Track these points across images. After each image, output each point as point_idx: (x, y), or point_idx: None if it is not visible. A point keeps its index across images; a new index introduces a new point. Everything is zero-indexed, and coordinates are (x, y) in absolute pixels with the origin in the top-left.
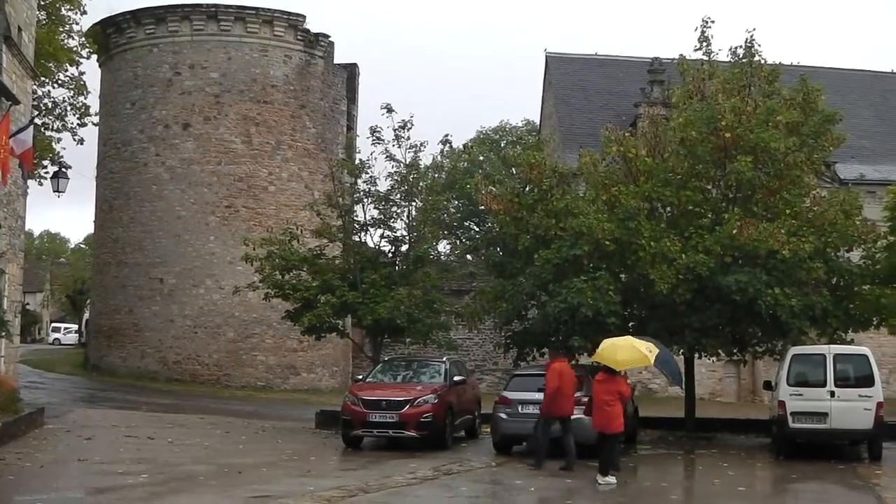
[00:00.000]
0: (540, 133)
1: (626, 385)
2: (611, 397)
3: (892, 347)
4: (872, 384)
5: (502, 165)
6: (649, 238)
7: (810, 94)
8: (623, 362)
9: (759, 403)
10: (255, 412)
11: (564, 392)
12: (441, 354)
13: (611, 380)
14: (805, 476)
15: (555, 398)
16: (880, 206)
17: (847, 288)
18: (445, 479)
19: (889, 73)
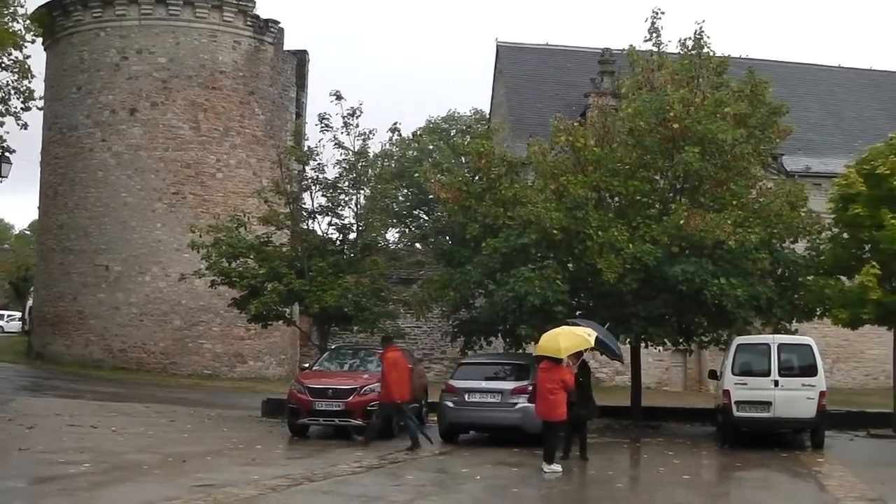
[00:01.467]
0: (489, 122)
1: (569, 373)
2: (553, 385)
3: (837, 337)
4: (815, 374)
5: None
6: (597, 228)
7: (758, 87)
8: (566, 349)
9: (704, 392)
10: (202, 400)
11: (399, 379)
12: None
13: (554, 368)
14: (749, 464)
15: (390, 385)
16: (825, 198)
17: (792, 278)
18: (391, 468)
19: (836, 67)
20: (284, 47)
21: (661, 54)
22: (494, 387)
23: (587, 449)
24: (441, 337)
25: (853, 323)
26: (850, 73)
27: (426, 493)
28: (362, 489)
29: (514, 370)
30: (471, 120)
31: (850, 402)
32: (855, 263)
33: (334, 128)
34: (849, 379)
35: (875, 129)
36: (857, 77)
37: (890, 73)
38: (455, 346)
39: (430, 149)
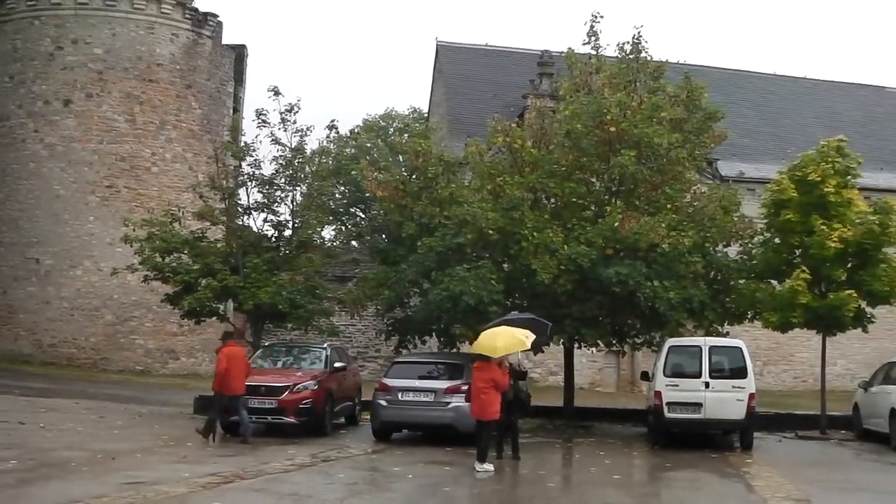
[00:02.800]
0: (428, 121)
1: (499, 373)
2: (484, 385)
3: (768, 340)
4: (745, 376)
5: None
6: (532, 228)
7: (694, 92)
8: (502, 348)
9: (637, 394)
10: (133, 397)
11: (233, 373)
12: (322, 341)
13: (485, 368)
14: (679, 464)
15: (225, 378)
16: (759, 204)
17: (724, 282)
18: (323, 466)
19: (772, 74)
20: (223, 41)
21: (600, 58)
22: (428, 386)
23: (519, 448)
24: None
25: (783, 326)
26: (786, 80)
27: (358, 492)
28: (294, 487)
29: (448, 369)
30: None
31: (780, 404)
32: (786, 268)
33: (271, 124)
34: (778, 381)
35: (809, 136)
36: (793, 85)
37: (824, 82)
38: (389, 345)
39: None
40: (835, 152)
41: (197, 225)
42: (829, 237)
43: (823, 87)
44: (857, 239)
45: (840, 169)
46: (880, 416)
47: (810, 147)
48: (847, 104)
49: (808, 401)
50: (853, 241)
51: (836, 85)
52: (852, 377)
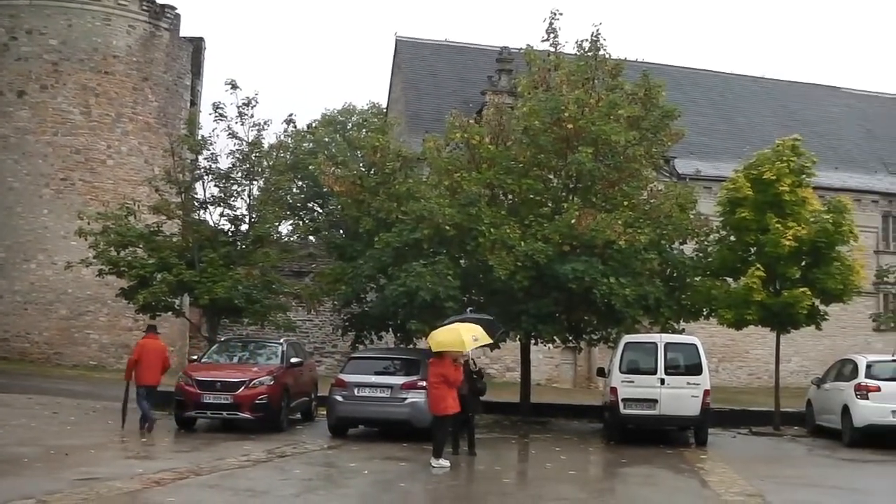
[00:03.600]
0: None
1: (451, 368)
2: (435, 380)
3: (723, 337)
4: (700, 372)
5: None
6: (489, 224)
7: (651, 90)
8: (441, 343)
9: (594, 390)
10: (87, 392)
11: (144, 364)
12: (279, 336)
13: (437, 363)
14: (634, 460)
15: (136, 369)
16: (715, 202)
17: (680, 279)
18: (279, 462)
19: (729, 73)
20: (180, 34)
21: (558, 55)
22: (384, 381)
23: (475, 444)
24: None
25: (738, 323)
26: (743, 80)
27: (313, 488)
28: (249, 483)
29: (405, 365)
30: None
31: (734, 400)
32: (741, 266)
33: (229, 117)
34: (734, 378)
35: (765, 135)
36: (750, 84)
37: (780, 82)
38: (346, 341)
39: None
40: (790, 151)
41: (153, 219)
42: (783, 235)
43: (780, 87)
44: (811, 237)
45: (795, 168)
46: (833, 412)
47: (766, 146)
48: (803, 104)
49: (763, 397)
50: (807, 239)
51: (793, 85)
52: (806, 374)
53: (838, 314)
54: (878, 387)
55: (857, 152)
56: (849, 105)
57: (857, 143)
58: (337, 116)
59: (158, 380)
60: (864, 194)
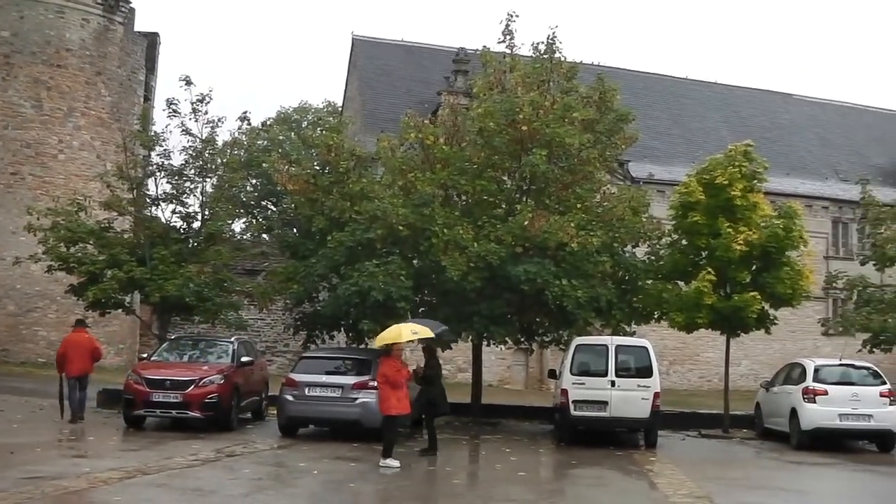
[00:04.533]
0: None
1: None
2: (380, 380)
3: (674, 340)
4: (651, 375)
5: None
6: (443, 225)
7: (606, 94)
8: (381, 338)
9: (545, 391)
10: (34, 390)
11: (70, 356)
12: (230, 334)
13: (382, 363)
14: (584, 462)
15: (62, 361)
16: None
17: (631, 282)
18: (228, 461)
19: (684, 78)
20: (135, 28)
21: (514, 57)
22: (335, 381)
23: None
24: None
25: (688, 326)
26: (698, 85)
27: (262, 487)
28: (198, 482)
29: (356, 365)
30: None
31: (685, 402)
32: (692, 269)
33: (182, 114)
34: (684, 380)
35: (718, 140)
36: (704, 89)
37: (734, 88)
38: (298, 340)
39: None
40: (742, 157)
41: (104, 215)
42: (734, 240)
43: (733, 93)
44: (761, 242)
45: (747, 173)
46: (781, 415)
47: (719, 151)
48: (756, 110)
49: (713, 400)
50: (758, 244)
51: (746, 91)
52: (756, 377)
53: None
54: (825, 390)
55: (809, 159)
56: (801, 112)
57: (808, 150)
58: (292, 114)
59: (89, 368)
60: (815, 200)
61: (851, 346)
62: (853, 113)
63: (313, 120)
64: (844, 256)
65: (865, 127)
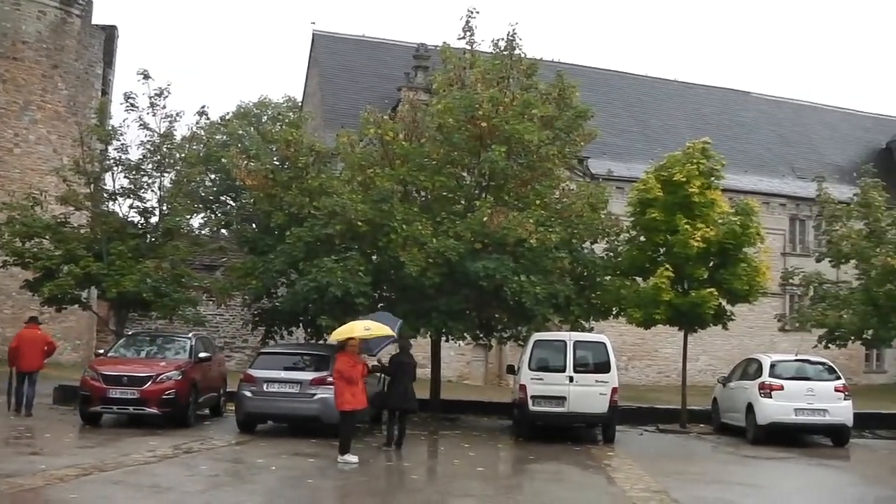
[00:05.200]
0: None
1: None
2: (335, 375)
3: (633, 336)
4: (609, 370)
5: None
6: (402, 221)
7: (566, 91)
8: (337, 332)
9: (504, 387)
10: None
11: (23, 351)
12: (188, 330)
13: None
14: (542, 457)
15: (15, 356)
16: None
17: (590, 278)
18: (185, 458)
19: (644, 76)
20: (93, 21)
21: (474, 53)
22: (293, 377)
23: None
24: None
25: (646, 322)
26: (657, 82)
27: (220, 484)
28: (155, 479)
29: (314, 361)
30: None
31: (643, 398)
32: (650, 266)
33: (140, 108)
34: (643, 376)
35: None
36: (663, 87)
37: (693, 85)
38: (256, 336)
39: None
40: (700, 154)
41: (60, 209)
42: (692, 236)
43: (692, 91)
44: (718, 239)
45: (704, 170)
46: (737, 410)
47: (679, 148)
48: (715, 108)
49: (671, 395)
50: (715, 240)
51: (705, 88)
52: (714, 373)
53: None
54: (781, 385)
55: (767, 156)
56: (759, 110)
57: (766, 148)
58: (252, 109)
59: (40, 364)
60: (773, 197)
61: (808, 341)
62: (810, 111)
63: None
64: (801, 253)
65: (822, 125)
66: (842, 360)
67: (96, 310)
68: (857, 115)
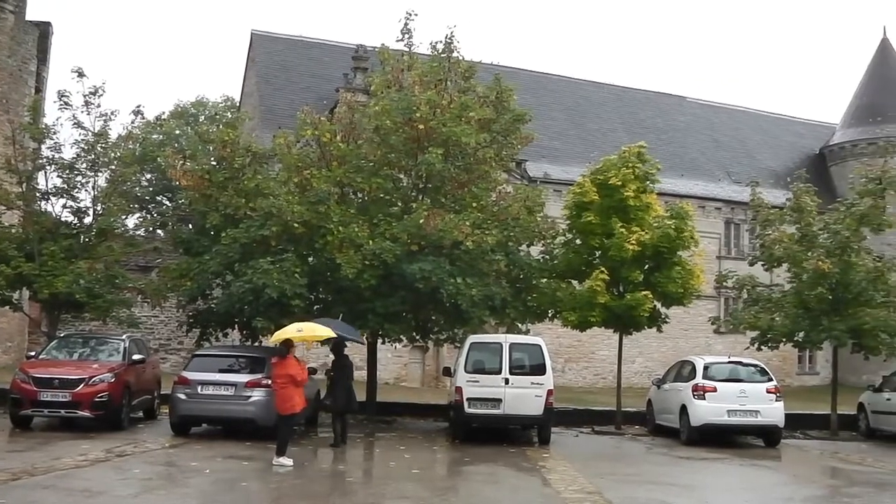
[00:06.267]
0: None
1: (297, 368)
2: (282, 380)
3: (570, 338)
4: (544, 373)
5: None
6: (338, 223)
7: (503, 94)
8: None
9: (442, 389)
10: None
11: None
12: (122, 332)
13: (280, 363)
14: (478, 459)
15: None
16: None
17: (526, 280)
18: (118, 461)
19: (582, 79)
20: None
21: (412, 55)
22: (228, 379)
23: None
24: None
25: (581, 325)
26: (595, 86)
27: (152, 488)
28: (86, 483)
29: (250, 363)
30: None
31: (580, 400)
32: (585, 268)
33: (74, 106)
34: (580, 378)
35: (615, 141)
36: (601, 91)
37: (630, 90)
38: (192, 338)
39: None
40: (635, 158)
41: None
42: (627, 240)
43: (629, 95)
44: (653, 242)
45: (640, 174)
46: (671, 412)
47: (616, 151)
48: (651, 112)
49: (607, 397)
50: (650, 244)
51: (641, 93)
52: (650, 374)
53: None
54: (714, 387)
55: (703, 160)
56: (695, 115)
57: (702, 152)
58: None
59: None
60: (708, 201)
61: (742, 343)
62: (744, 116)
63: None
64: (736, 256)
65: (757, 131)
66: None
67: (28, 311)
68: (792, 122)
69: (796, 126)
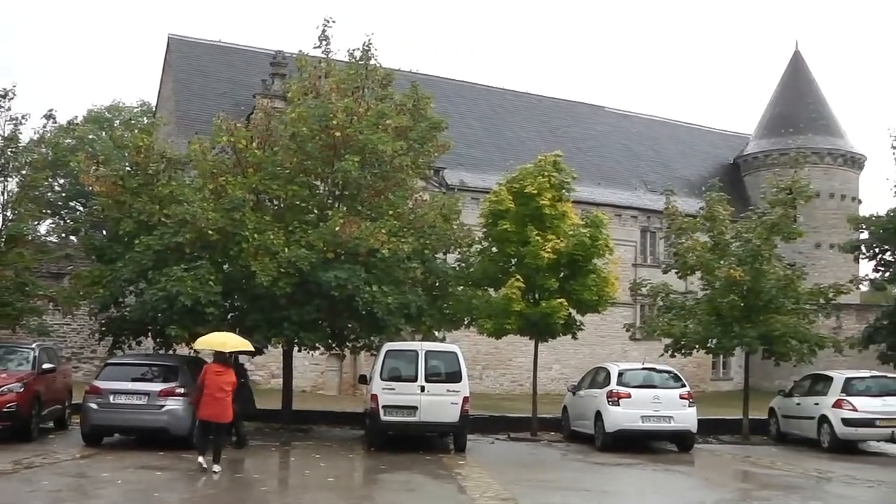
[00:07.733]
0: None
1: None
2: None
3: (487, 345)
4: (460, 380)
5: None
6: (253, 230)
7: (420, 102)
8: (234, 346)
9: (359, 397)
10: None
11: None
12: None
13: (226, 372)
14: (394, 467)
15: None
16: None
17: (442, 288)
18: (26, 473)
19: (498, 88)
20: None
21: (330, 62)
22: (141, 388)
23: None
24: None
25: (497, 332)
26: (511, 95)
27: (61, 500)
28: None
29: (163, 371)
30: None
31: (497, 407)
32: (501, 276)
33: None
34: (497, 385)
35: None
36: (517, 99)
37: (546, 98)
38: (105, 346)
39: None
40: (551, 167)
41: None
42: (542, 248)
43: (546, 103)
44: (569, 250)
45: (556, 183)
46: (587, 418)
47: (532, 160)
48: (567, 121)
49: (524, 404)
50: (565, 252)
51: (558, 102)
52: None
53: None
54: (628, 394)
55: (619, 169)
56: (611, 124)
57: (618, 161)
58: (104, 113)
59: None
60: (625, 210)
61: (657, 350)
62: (660, 126)
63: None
64: (652, 264)
65: (672, 140)
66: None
67: None
68: (707, 132)
69: (712, 136)
